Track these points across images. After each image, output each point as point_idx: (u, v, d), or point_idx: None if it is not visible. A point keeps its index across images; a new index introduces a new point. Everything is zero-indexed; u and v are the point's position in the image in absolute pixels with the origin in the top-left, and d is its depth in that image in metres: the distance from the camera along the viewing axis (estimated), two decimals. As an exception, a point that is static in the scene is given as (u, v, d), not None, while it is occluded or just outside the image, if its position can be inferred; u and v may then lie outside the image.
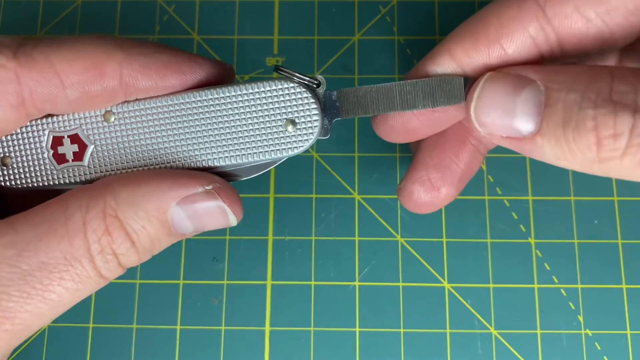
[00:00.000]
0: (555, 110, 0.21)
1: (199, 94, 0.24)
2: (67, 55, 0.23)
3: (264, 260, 0.34)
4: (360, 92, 0.25)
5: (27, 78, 0.23)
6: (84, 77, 0.23)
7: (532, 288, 0.34)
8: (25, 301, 0.21)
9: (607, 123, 0.20)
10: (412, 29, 0.37)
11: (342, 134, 0.36)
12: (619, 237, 0.34)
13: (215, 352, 0.33)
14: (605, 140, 0.20)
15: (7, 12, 0.38)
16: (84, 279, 0.22)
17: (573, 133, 0.21)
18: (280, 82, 0.24)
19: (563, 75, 0.22)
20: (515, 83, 0.22)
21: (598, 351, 0.33)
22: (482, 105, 0.23)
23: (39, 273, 0.21)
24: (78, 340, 0.34)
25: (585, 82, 0.21)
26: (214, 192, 0.23)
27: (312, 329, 0.33)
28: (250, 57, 0.37)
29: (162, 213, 0.22)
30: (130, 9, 0.38)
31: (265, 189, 0.35)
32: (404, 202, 0.29)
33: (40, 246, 0.21)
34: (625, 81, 0.21)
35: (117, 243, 0.22)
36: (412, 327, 0.33)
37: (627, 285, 0.33)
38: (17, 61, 0.23)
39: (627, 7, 0.22)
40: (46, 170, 0.25)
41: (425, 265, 0.34)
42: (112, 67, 0.23)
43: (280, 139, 0.24)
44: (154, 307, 0.34)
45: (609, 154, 0.20)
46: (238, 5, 0.38)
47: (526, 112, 0.22)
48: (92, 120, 0.25)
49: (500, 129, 0.23)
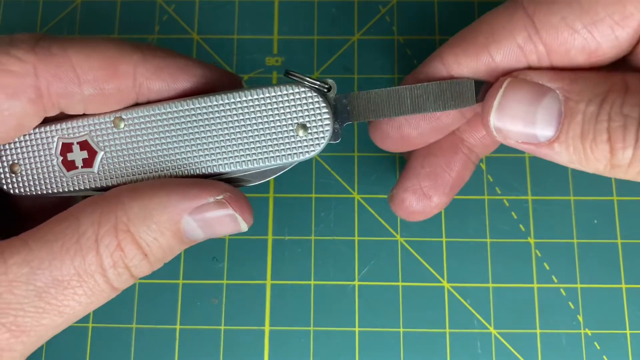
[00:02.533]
0: (575, 122, 0.22)
1: (210, 99, 0.24)
2: (84, 51, 0.23)
3: (263, 260, 0.34)
4: (371, 96, 0.25)
5: (44, 72, 0.23)
6: (100, 74, 0.23)
7: (531, 288, 0.34)
8: (41, 316, 0.22)
9: (618, 137, 0.21)
10: (412, 29, 0.37)
11: (342, 134, 0.36)
12: (619, 237, 0.34)
13: (214, 352, 0.33)
14: (617, 150, 0.21)
15: (6, 12, 0.38)
16: (97, 293, 0.23)
17: (591, 144, 0.22)
18: (292, 87, 0.24)
19: (580, 83, 0.22)
20: (535, 92, 0.23)
21: (597, 351, 0.33)
22: (502, 113, 0.23)
23: (53, 290, 0.22)
24: (78, 340, 0.33)
25: (602, 94, 0.22)
26: (224, 201, 0.23)
27: (312, 329, 0.33)
28: (249, 56, 0.37)
29: (174, 224, 0.23)
30: (129, 8, 0.38)
31: (265, 189, 0.35)
32: (396, 210, 0.29)
33: (54, 264, 0.22)
34: (636, 92, 0.21)
35: (130, 257, 0.22)
36: (411, 326, 0.33)
37: (627, 284, 0.33)
38: (35, 55, 0.23)
39: (613, 18, 0.22)
40: (55, 177, 0.25)
41: (424, 264, 0.34)
42: (127, 66, 0.24)
43: (292, 144, 0.24)
44: (154, 306, 0.34)
45: (619, 163, 0.22)
46: (237, 5, 0.38)
47: (546, 121, 0.22)
48: (101, 127, 0.25)
49: (518, 136, 0.23)
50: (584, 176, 0.34)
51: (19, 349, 0.22)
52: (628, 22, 0.22)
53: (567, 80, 0.22)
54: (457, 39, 0.25)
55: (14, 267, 0.22)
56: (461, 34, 0.25)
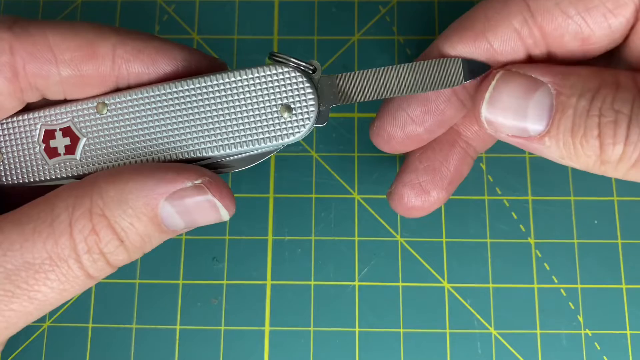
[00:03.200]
0: (566, 117, 0.22)
1: (192, 82, 0.24)
2: (62, 31, 0.23)
3: (263, 260, 0.34)
4: (357, 77, 0.24)
5: (20, 50, 0.23)
6: (77, 55, 0.23)
7: (531, 288, 0.34)
8: (10, 300, 0.21)
9: (608, 132, 0.21)
10: (412, 29, 0.37)
11: (342, 133, 0.36)
12: (619, 237, 0.34)
13: (214, 352, 0.33)
14: (607, 146, 0.21)
15: (7, 12, 0.38)
16: (71, 279, 0.22)
17: (581, 139, 0.22)
18: (275, 67, 0.24)
19: (572, 78, 0.22)
20: (528, 85, 0.23)
21: (598, 351, 0.33)
22: (494, 106, 0.23)
23: (24, 273, 0.21)
24: (77, 340, 0.33)
25: (594, 89, 0.22)
26: (203, 186, 0.22)
27: (312, 329, 0.33)
28: (250, 57, 0.37)
29: (150, 210, 0.22)
30: (129, 8, 0.38)
31: (265, 189, 0.35)
32: (395, 206, 0.29)
33: (26, 246, 0.21)
34: (627, 89, 0.21)
35: (105, 242, 0.22)
36: (411, 327, 0.33)
37: (627, 285, 0.33)
38: (12, 33, 0.23)
39: (606, 6, 0.22)
40: (37, 165, 0.25)
41: (425, 265, 0.34)
42: (105, 47, 0.23)
43: (276, 126, 0.24)
44: (154, 307, 0.34)
45: (608, 159, 0.22)
46: (238, 5, 0.38)
47: (537, 114, 0.22)
48: (84, 112, 0.25)
49: (508, 129, 0.23)
50: (584, 176, 0.34)
51: None
52: (621, 10, 0.22)
53: (559, 74, 0.22)
54: (454, 28, 0.25)
55: None
56: (457, 23, 0.25)
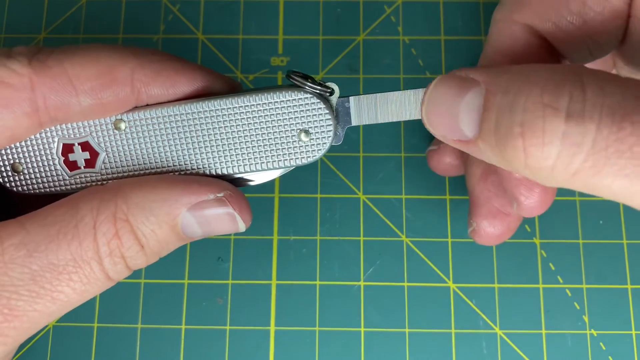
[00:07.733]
0: (489, 115, 0.20)
1: (211, 103, 0.24)
2: (80, 61, 0.23)
3: (268, 260, 0.34)
4: (373, 100, 0.25)
5: (41, 85, 0.23)
6: (97, 83, 0.23)
7: (537, 288, 0.34)
8: (34, 300, 0.22)
9: (534, 129, 0.18)
10: (417, 29, 0.37)
11: (347, 133, 0.36)
12: (624, 237, 0.34)
13: (220, 352, 0.33)
14: (531, 148, 0.19)
15: (11, 12, 0.38)
16: (92, 281, 0.22)
17: (503, 139, 0.19)
18: (294, 93, 0.24)
19: (504, 75, 0.20)
20: (461, 86, 0.21)
21: (603, 351, 0.33)
22: (430, 109, 0.22)
23: (48, 274, 0.22)
24: (83, 339, 0.33)
25: (519, 84, 0.19)
26: (224, 199, 0.23)
27: (317, 329, 0.33)
28: (254, 56, 0.37)
29: (172, 218, 0.23)
30: (134, 8, 0.38)
31: (270, 189, 0.35)
32: (482, 240, 0.29)
33: (51, 247, 0.22)
34: (577, 82, 0.18)
35: (126, 247, 0.22)
36: (417, 327, 0.33)
37: (632, 285, 0.33)
38: (32, 68, 0.23)
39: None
40: (58, 176, 0.25)
41: (430, 265, 0.34)
42: (124, 72, 0.23)
43: (294, 149, 0.25)
44: (159, 306, 0.34)
45: (537, 163, 0.19)
46: (243, 4, 0.38)
47: (468, 116, 0.21)
48: (102, 128, 0.25)
49: (449, 132, 0.22)
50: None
51: (11, 335, 0.22)
52: None
53: (494, 72, 0.21)
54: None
55: (10, 249, 0.21)
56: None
